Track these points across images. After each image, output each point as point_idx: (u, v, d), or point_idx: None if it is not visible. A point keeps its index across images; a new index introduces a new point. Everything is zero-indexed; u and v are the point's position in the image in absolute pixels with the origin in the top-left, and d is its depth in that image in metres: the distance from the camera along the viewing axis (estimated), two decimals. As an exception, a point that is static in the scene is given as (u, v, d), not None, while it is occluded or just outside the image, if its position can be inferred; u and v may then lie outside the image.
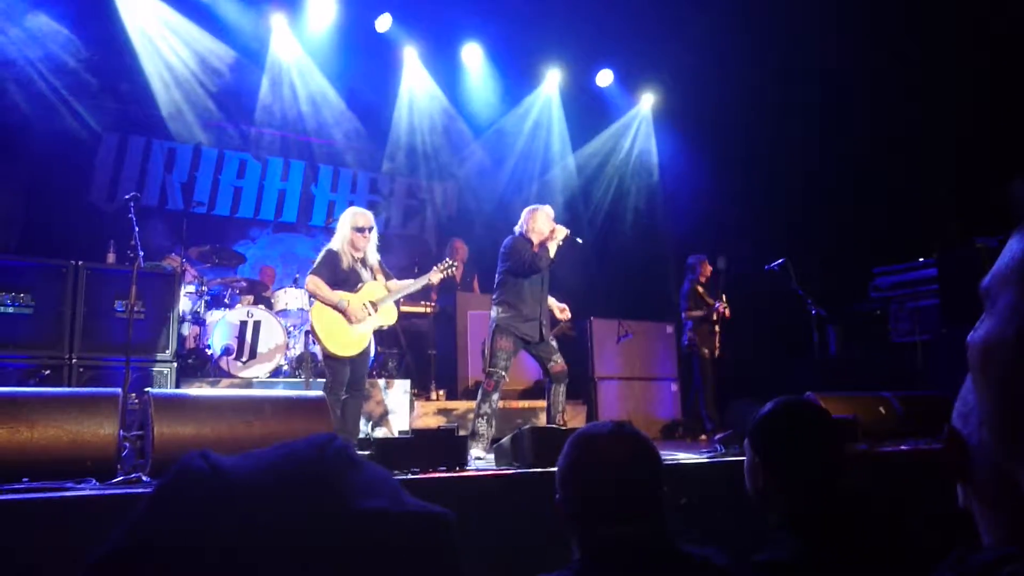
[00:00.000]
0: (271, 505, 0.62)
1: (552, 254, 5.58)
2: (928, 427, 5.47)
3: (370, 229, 5.53)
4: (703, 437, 7.28)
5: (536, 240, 5.61)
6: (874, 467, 4.57)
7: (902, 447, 4.98)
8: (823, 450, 1.74)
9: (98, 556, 0.61)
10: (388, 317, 5.57)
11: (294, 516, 0.62)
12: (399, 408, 6.84)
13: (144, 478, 3.41)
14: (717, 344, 7.58)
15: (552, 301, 5.81)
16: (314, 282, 5.35)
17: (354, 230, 5.46)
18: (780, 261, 7.03)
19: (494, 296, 5.70)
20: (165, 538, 0.60)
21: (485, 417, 5.35)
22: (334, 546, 0.61)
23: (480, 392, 5.48)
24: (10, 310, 5.38)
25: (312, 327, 5.38)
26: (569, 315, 5.90)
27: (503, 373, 5.43)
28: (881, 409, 5.56)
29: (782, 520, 1.70)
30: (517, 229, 5.73)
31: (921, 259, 7.98)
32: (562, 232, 5.63)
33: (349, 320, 5.31)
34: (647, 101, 10.69)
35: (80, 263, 5.68)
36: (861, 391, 5.94)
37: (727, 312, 7.55)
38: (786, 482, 1.71)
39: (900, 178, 8.14)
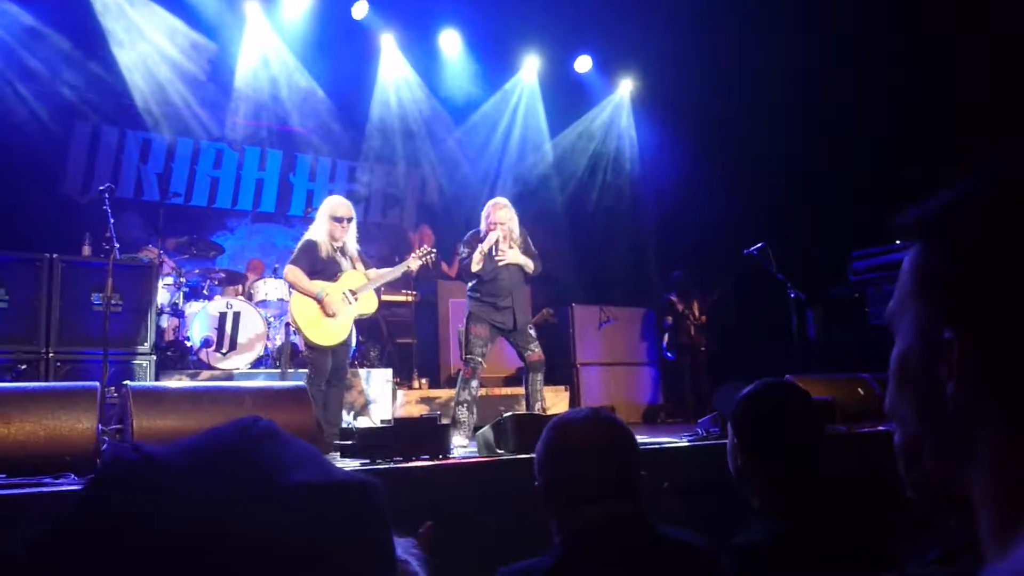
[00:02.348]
0: (197, 488, 0.62)
1: (476, 267, 5.44)
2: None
3: (349, 220, 5.50)
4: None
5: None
6: (853, 448, 4.62)
7: (880, 428, 5.04)
8: (802, 432, 1.75)
9: (27, 557, 0.61)
10: (368, 305, 5.56)
11: (220, 497, 0.62)
12: (381, 397, 6.83)
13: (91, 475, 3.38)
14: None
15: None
16: (293, 272, 5.33)
17: (332, 220, 5.43)
18: (759, 245, 7.05)
19: (468, 284, 5.70)
20: (99, 532, 0.60)
21: (465, 404, 5.35)
22: (263, 522, 0.61)
23: (459, 380, 5.48)
24: (-16, 304, 5.31)
25: (292, 318, 5.35)
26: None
27: (480, 360, 5.43)
28: (859, 391, 5.61)
29: (762, 502, 1.71)
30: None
31: (898, 242, 8.03)
32: (489, 242, 5.49)
33: (325, 312, 5.29)
34: (626, 87, 10.68)
35: (55, 256, 5.62)
36: (840, 373, 5.99)
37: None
38: (765, 464, 1.72)
39: (878, 161, 8.19)
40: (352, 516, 0.65)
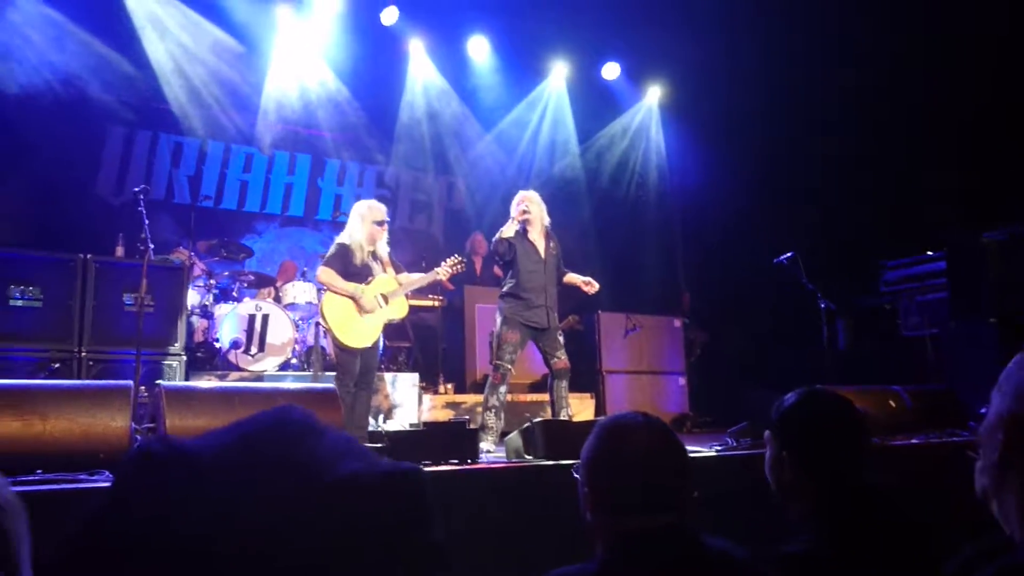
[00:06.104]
0: (247, 484, 0.60)
1: (505, 235, 5.52)
2: (938, 420, 5.46)
3: (388, 222, 5.59)
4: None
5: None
6: (885, 461, 4.56)
7: (913, 441, 4.97)
8: (852, 442, 1.73)
9: (63, 551, 0.58)
10: (399, 310, 5.58)
11: (272, 491, 0.60)
12: (407, 401, 6.84)
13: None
14: None
15: (575, 277, 5.81)
16: (327, 273, 5.36)
17: (375, 224, 5.49)
18: (789, 254, 6.99)
19: (500, 288, 5.71)
20: (134, 531, 0.57)
21: (493, 410, 5.34)
22: (316, 515, 0.59)
23: (487, 385, 5.48)
24: (19, 303, 5.39)
25: (323, 318, 5.38)
26: (596, 287, 5.84)
27: (509, 366, 5.42)
28: (891, 403, 5.54)
29: (808, 512, 1.69)
30: None
31: (930, 252, 7.94)
32: (518, 216, 5.60)
33: (361, 310, 5.32)
34: (654, 94, 10.66)
35: (88, 256, 5.69)
36: (870, 385, 5.92)
37: None
38: (814, 474, 1.70)
39: (911, 170, 8.10)
40: (403, 507, 0.63)
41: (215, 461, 0.62)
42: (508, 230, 5.54)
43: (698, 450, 4.71)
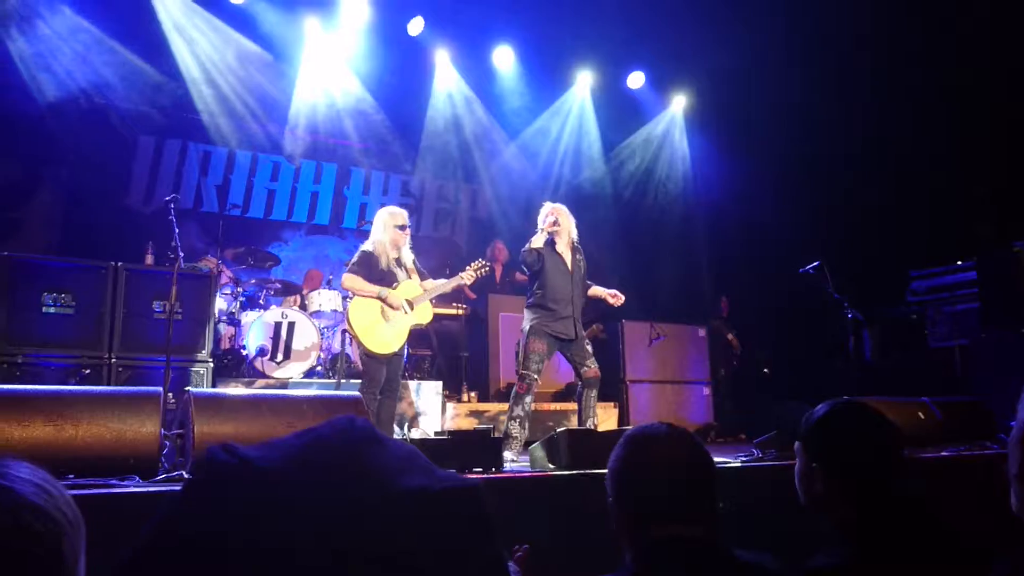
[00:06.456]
0: (311, 493, 0.61)
1: (534, 245, 5.51)
2: (968, 433, 5.38)
3: (409, 226, 5.63)
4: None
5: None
6: (914, 474, 4.49)
7: (943, 453, 4.89)
8: (884, 453, 1.71)
9: (131, 556, 0.60)
10: (424, 316, 5.61)
11: (337, 502, 0.61)
12: (430, 409, 6.86)
13: (186, 476, 3.46)
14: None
15: (600, 290, 5.81)
16: (351, 279, 5.41)
17: (397, 228, 5.54)
18: (815, 264, 6.94)
19: (527, 299, 5.71)
20: (203, 534, 0.59)
21: (518, 420, 5.34)
22: (384, 525, 0.60)
23: (512, 394, 5.47)
24: (52, 310, 5.47)
25: (349, 325, 5.42)
26: (622, 299, 5.85)
27: (535, 376, 5.41)
28: (920, 415, 5.45)
29: (838, 525, 1.68)
30: None
31: (959, 262, 7.84)
32: (547, 227, 5.58)
33: (392, 307, 5.35)
34: (679, 103, 10.65)
35: (119, 264, 5.76)
36: (898, 396, 5.84)
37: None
38: (845, 486, 1.69)
39: (939, 181, 8.02)
40: (468, 521, 0.64)
41: (282, 470, 0.63)
42: (537, 241, 5.55)
43: (724, 460, 4.67)
